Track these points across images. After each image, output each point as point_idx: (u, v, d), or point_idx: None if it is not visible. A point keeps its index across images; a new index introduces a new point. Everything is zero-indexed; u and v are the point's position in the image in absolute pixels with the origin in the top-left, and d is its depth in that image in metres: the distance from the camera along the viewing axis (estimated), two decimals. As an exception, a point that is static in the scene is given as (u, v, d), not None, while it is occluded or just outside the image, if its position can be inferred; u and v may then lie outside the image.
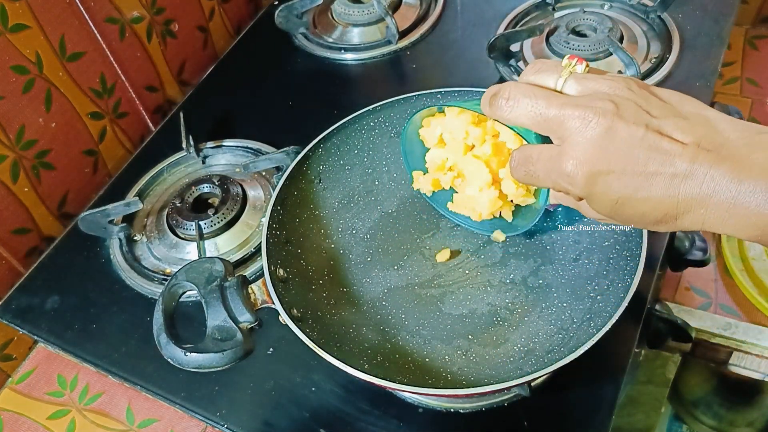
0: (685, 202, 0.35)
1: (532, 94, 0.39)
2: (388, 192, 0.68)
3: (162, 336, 0.47)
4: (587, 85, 0.39)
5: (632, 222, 0.40)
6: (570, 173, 0.37)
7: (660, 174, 0.35)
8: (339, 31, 0.97)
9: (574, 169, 0.37)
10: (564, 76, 0.39)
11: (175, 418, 0.68)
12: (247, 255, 0.71)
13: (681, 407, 1.08)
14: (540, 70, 0.41)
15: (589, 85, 0.39)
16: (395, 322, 0.60)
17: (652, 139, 0.35)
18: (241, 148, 0.83)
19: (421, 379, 0.53)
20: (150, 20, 0.88)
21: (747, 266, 0.85)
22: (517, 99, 0.39)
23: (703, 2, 0.89)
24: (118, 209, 0.74)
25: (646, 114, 0.36)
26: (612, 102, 0.36)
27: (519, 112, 0.40)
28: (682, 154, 0.34)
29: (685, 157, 0.34)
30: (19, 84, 0.73)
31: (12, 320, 0.72)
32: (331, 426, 0.59)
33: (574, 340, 0.52)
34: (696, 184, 0.34)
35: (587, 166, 0.37)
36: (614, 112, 0.36)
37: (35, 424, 0.70)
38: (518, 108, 0.40)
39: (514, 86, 0.40)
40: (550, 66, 0.41)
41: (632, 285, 0.48)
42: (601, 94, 0.38)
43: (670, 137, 0.35)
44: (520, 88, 0.40)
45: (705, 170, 0.34)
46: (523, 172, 0.42)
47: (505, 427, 0.57)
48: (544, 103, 0.38)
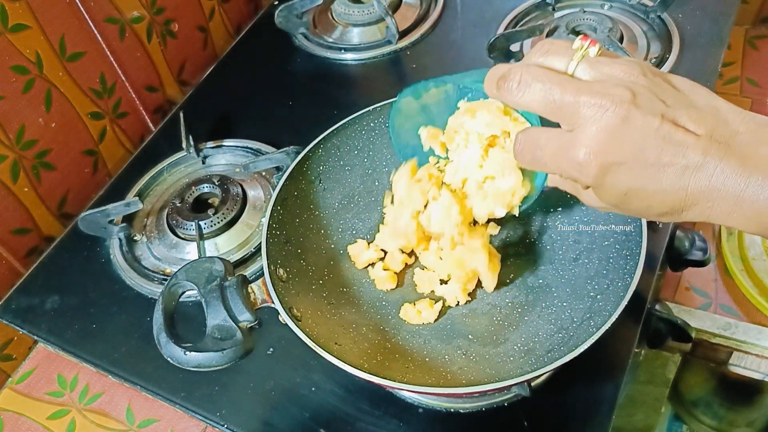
0: (693, 195, 0.34)
1: (546, 78, 0.37)
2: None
3: (162, 335, 0.47)
4: (601, 70, 0.37)
5: (636, 213, 0.39)
6: (582, 162, 0.36)
7: (672, 165, 0.34)
8: (339, 31, 0.97)
9: (586, 159, 0.36)
10: (576, 59, 0.38)
11: (175, 418, 0.68)
12: (247, 255, 0.71)
13: (681, 407, 1.08)
14: (549, 51, 0.39)
15: (604, 70, 0.37)
16: (395, 322, 0.60)
17: (666, 129, 0.34)
18: (241, 148, 0.83)
19: (421, 378, 0.53)
20: (150, 20, 0.88)
21: (747, 266, 0.85)
22: (529, 83, 0.37)
23: (703, 2, 0.89)
24: (118, 209, 0.74)
25: (662, 103, 0.35)
26: (629, 90, 0.35)
27: (530, 97, 0.38)
28: (695, 145, 0.34)
29: (697, 148, 0.34)
30: (19, 84, 0.73)
31: (12, 320, 0.72)
32: (331, 426, 0.59)
33: (573, 339, 0.52)
34: (706, 176, 0.34)
35: (601, 156, 0.35)
36: (631, 101, 0.35)
37: (35, 424, 0.70)
38: (529, 93, 0.38)
39: (525, 69, 0.38)
40: (560, 48, 0.39)
41: (632, 284, 0.48)
42: (617, 80, 0.36)
43: (684, 128, 0.34)
44: (531, 72, 0.38)
45: (716, 163, 0.33)
46: (530, 158, 0.40)
47: (505, 426, 0.57)
48: (559, 89, 0.36)
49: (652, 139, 0.34)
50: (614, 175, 0.36)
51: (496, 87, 0.39)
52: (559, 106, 0.36)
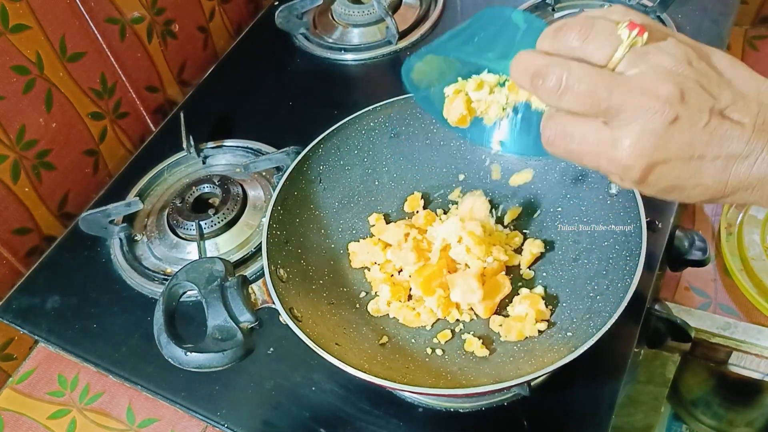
0: (733, 184, 0.34)
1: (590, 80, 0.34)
2: (388, 192, 0.68)
3: (162, 336, 0.47)
4: (649, 61, 0.34)
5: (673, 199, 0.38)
6: (626, 165, 0.34)
7: (717, 158, 0.34)
8: (339, 31, 0.98)
9: (630, 162, 0.34)
10: (623, 50, 0.34)
11: (175, 418, 0.68)
12: (248, 255, 0.71)
13: (680, 407, 1.08)
14: (589, 36, 0.35)
15: (651, 61, 0.34)
16: (395, 322, 0.60)
17: (714, 124, 0.33)
18: (242, 148, 0.83)
19: (421, 379, 0.53)
20: (150, 20, 0.88)
21: (746, 266, 0.85)
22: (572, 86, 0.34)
23: (702, 2, 0.89)
24: (118, 209, 0.75)
25: (709, 96, 0.34)
26: (677, 87, 0.33)
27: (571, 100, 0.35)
28: (740, 137, 0.33)
29: (742, 140, 0.33)
30: (20, 84, 0.73)
31: (13, 320, 0.72)
32: (332, 425, 0.59)
33: (573, 339, 0.52)
34: (747, 167, 0.34)
35: (647, 158, 0.34)
36: (679, 100, 0.33)
37: (36, 424, 0.70)
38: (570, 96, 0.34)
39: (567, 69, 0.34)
40: (602, 32, 0.34)
41: (632, 285, 0.49)
42: (664, 73, 0.34)
43: (729, 119, 0.34)
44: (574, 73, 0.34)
45: (757, 153, 0.33)
46: (563, 150, 0.37)
47: (504, 426, 0.57)
48: (605, 91, 0.33)
49: (699, 135, 0.33)
50: (658, 174, 0.35)
51: (529, 83, 0.36)
52: (603, 108, 0.34)
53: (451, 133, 0.67)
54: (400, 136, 0.67)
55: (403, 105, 0.66)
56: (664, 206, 0.69)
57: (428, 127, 0.67)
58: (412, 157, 0.68)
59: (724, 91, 0.34)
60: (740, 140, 0.33)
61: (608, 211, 0.57)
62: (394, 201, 0.68)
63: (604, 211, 0.58)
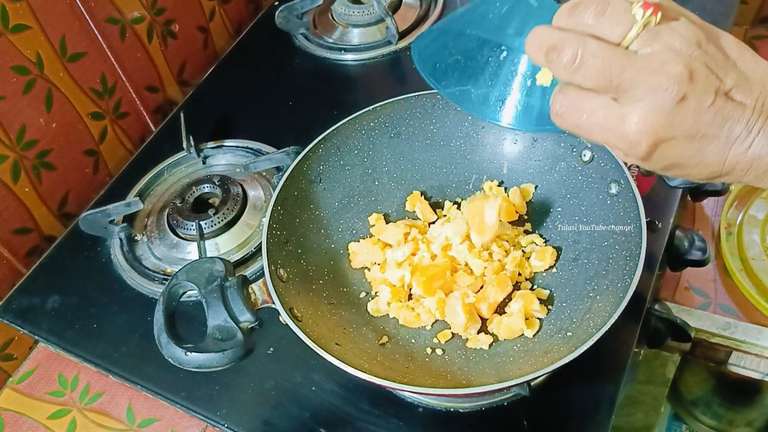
0: (729, 163, 0.36)
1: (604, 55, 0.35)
2: (388, 192, 0.68)
3: (163, 336, 0.47)
4: (661, 40, 0.35)
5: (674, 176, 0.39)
6: (633, 141, 0.35)
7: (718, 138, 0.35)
8: (339, 31, 0.98)
9: (638, 138, 0.35)
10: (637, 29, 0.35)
11: (175, 418, 0.68)
12: (248, 255, 0.71)
13: (680, 407, 1.08)
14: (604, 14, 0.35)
15: (663, 40, 0.35)
16: (395, 322, 0.60)
17: (719, 104, 0.35)
18: (242, 148, 0.83)
19: (421, 379, 0.53)
20: (150, 21, 0.88)
21: (746, 266, 0.85)
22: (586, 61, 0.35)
23: (702, 2, 0.89)
24: (118, 209, 0.75)
25: (716, 78, 0.35)
26: (686, 67, 0.34)
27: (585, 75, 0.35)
28: (741, 117, 0.35)
29: (742, 120, 0.35)
30: (20, 84, 0.73)
31: (13, 320, 0.72)
32: (332, 425, 0.59)
33: (573, 339, 0.52)
34: (745, 146, 0.35)
35: (654, 135, 0.35)
36: (688, 79, 0.34)
37: (36, 424, 0.70)
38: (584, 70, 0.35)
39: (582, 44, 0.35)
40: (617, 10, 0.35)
41: (632, 285, 0.49)
42: (675, 53, 0.35)
43: (733, 100, 0.35)
44: (589, 49, 0.35)
45: (755, 134, 0.35)
46: (572, 123, 0.38)
47: (504, 426, 0.57)
48: (618, 68, 0.34)
49: (704, 115, 0.35)
50: (662, 150, 0.36)
51: (544, 57, 0.37)
52: (615, 85, 0.35)
53: (452, 133, 0.67)
54: (400, 136, 0.67)
55: (403, 105, 0.66)
56: (664, 206, 0.69)
57: (428, 127, 0.67)
58: (412, 157, 0.68)
59: (729, 72, 0.36)
60: (740, 120, 0.35)
61: (608, 211, 0.57)
62: (394, 201, 0.68)
63: (604, 211, 0.58)
